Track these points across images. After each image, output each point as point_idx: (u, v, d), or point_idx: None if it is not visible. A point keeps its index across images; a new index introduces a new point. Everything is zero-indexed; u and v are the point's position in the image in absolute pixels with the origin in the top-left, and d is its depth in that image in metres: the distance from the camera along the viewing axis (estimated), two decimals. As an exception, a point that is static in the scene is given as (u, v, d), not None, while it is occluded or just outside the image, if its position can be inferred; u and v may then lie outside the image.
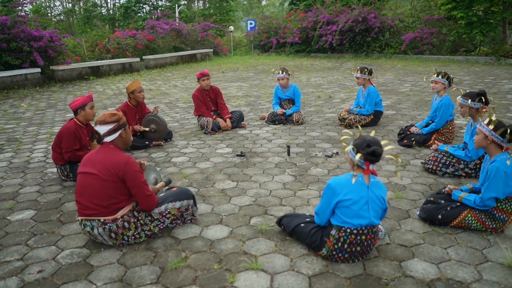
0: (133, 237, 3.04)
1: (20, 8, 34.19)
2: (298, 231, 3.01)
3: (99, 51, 16.36)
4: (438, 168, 4.36)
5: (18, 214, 3.70)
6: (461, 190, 3.39)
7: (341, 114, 6.50)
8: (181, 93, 10.57)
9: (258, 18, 24.02)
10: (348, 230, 2.70)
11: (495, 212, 3.12)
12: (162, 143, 5.76)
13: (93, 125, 4.14)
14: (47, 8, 38.79)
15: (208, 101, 6.57)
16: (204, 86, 6.42)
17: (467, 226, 3.18)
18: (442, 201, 3.37)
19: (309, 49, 20.61)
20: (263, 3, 54.07)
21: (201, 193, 4.05)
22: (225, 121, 6.51)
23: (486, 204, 3.09)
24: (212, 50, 20.86)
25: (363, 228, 2.70)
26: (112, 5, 38.17)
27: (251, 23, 23.40)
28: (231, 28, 23.17)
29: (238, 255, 2.91)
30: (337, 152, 5.15)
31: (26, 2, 16.43)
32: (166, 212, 3.17)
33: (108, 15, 36.14)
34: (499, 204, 3.10)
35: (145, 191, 2.96)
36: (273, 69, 7.42)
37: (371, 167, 2.70)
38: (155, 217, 3.12)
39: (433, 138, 5.29)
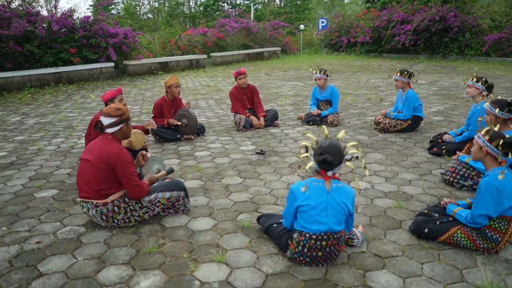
0: (122, 221, 3.30)
1: (112, 6, 36.68)
2: (270, 231, 3.07)
3: (171, 48, 17.31)
4: (456, 180, 4.09)
5: (43, 192, 4.17)
6: (457, 205, 3.19)
7: (377, 118, 6.29)
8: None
9: (330, 17, 23.66)
10: (307, 235, 2.69)
11: (487, 230, 2.89)
12: (192, 137, 6.05)
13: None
14: (136, 7, 41.68)
15: (244, 99, 6.72)
16: (241, 84, 6.58)
17: (456, 243, 2.98)
18: (436, 215, 3.19)
19: (380, 49, 19.91)
20: (346, 1, 52.93)
21: (206, 187, 4.23)
22: (259, 119, 6.63)
23: (476, 222, 2.88)
24: (280, 48, 21.02)
25: (322, 234, 2.67)
26: (193, 3, 39.89)
27: (322, 22, 23.16)
28: (302, 26, 23.10)
29: (210, 247, 3.03)
30: (357, 157, 5.02)
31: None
32: (156, 201, 3.39)
33: (190, 13, 37.88)
34: (491, 223, 2.88)
35: (133, 182, 3.20)
36: (311, 69, 7.37)
37: (330, 173, 2.67)
38: (145, 205, 3.35)
39: (466, 147, 4.93)
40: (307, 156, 2.74)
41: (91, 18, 13.72)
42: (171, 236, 3.22)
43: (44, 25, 12.45)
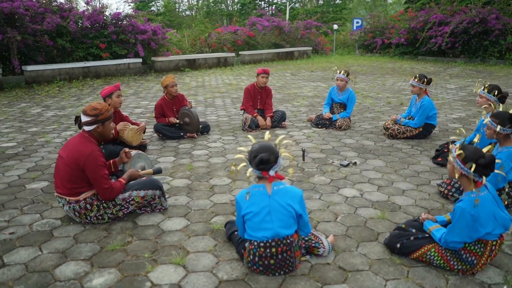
0: (95, 218, 3.33)
1: (152, 3, 37.51)
2: (232, 238, 3.00)
3: (200, 45, 17.47)
4: (451, 193, 3.85)
5: (34, 184, 4.28)
6: (435, 221, 2.99)
7: (386, 123, 6.05)
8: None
9: (365, 17, 23.12)
10: (256, 243, 2.60)
11: (462, 252, 2.69)
12: (195, 135, 6.04)
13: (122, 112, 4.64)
14: (176, 4, 42.42)
15: (258, 99, 6.63)
16: (260, 83, 6.47)
17: (429, 262, 2.79)
18: (413, 230, 3.00)
19: (415, 51, 19.24)
20: (389, 1, 51.54)
21: (191, 186, 4.20)
22: (266, 119, 6.54)
23: (450, 246, 2.69)
24: (311, 48, 20.75)
25: (270, 240, 2.57)
26: (231, 1, 40.10)
27: (357, 22, 22.68)
28: (335, 26, 22.71)
29: (174, 249, 3.00)
30: (355, 162, 4.84)
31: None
32: (130, 199, 3.39)
33: (227, 11, 38.15)
34: (467, 245, 2.67)
35: (103, 184, 3.20)
36: (335, 67, 7.19)
37: (272, 172, 2.56)
38: (118, 203, 3.36)
39: (473, 158, 4.63)
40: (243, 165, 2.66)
41: (122, 14, 14.04)
42: (139, 234, 3.21)
43: (80, 21, 12.84)
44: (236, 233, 2.92)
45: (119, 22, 13.86)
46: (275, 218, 2.56)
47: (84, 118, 3.28)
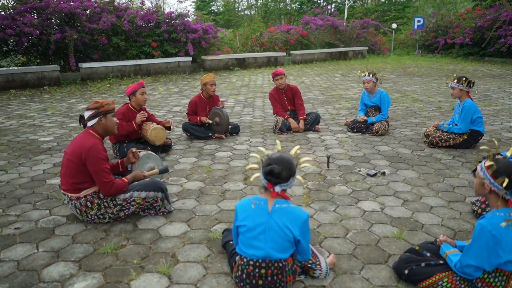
0: (95, 217, 3.30)
1: (212, 3, 38.38)
2: (226, 248, 2.82)
3: (251, 44, 17.43)
4: (485, 213, 3.39)
5: (54, 179, 4.38)
6: (454, 245, 2.61)
7: (427, 130, 5.55)
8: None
9: (426, 16, 21.86)
10: (245, 260, 2.39)
11: (479, 284, 2.32)
12: (223, 136, 5.93)
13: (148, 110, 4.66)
14: (235, 3, 42.88)
15: (284, 100, 6.41)
16: (279, 85, 6.28)
17: (440, 293, 2.43)
18: (428, 254, 2.65)
19: (482, 52, 17.85)
20: (459, -2, 48.53)
21: (203, 190, 4.07)
22: (298, 122, 6.28)
23: (465, 272, 2.32)
24: (367, 48, 19.97)
25: (260, 260, 2.34)
26: (289, 0, 39.78)
27: (419, 21, 21.46)
28: (394, 25, 21.66)
29: (164, 256, 2.88)
30: (384, 172, 4.46)
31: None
32: (131, 199, 3.33)
33: (285, 10, 37.90)
34: (486, 276, 2.30)
35: (103, 178, 3.16)
36: (360, 70, 6.78)
37: (278, 188, 2.33)
38: (119, 203, 3.30)
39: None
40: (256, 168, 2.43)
41: (175, 13, 14.33)
42: (136, 238, 3.13)
43: (134, 20, 13.26)
44: (231, 242, 2.74)
45: (172, 21, 14.16)
46: (269, 238, 2.34)
47: (86, 114, 3.28)
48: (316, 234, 3.18)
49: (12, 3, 12.49)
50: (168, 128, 5.26)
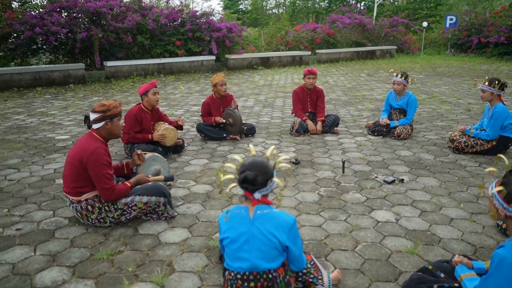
0: (96, 221, 3.22)
1: (240, 1, 38.42)
2: (222, 261, 2.66)
3: (276, 43, 17.23)
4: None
5: (64, 179, 4.34)
6: (471, 267, 2.36)
7: (452, 135, 5.24)
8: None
9: (459, 13, 21.06)
10: (233, 274, 2.23)
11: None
12: (238, 137, 5.79)
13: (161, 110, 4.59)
14: (263, 2, 42.70)
15: (307, 101, 6.19)
16: (308, 85, 6.05)
17: (452, 320, 2.20)
18: (442, 274, 2.42)
19: (519, 51, 17.05)
20: (495, -5, 46.73)
21: (210, 194, 3.94)
22: (316, 124, 6.07)
23: (482, 303, 2.08)
24: (395, 47, 19.41)
25: (247, 273, 2.18)
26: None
27: (451, 19, 20.74)
28: (425, 24, 20.98)
29: (161, 264, 2.76)
30: (402, 179, 4.21)
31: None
32: (132, 204, 3.23)
33: (313, 8, 37.42)
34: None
35: (104, 184, 3.07)
36: (392, 69, 6.48)
37: (257, 195, 2.16)
38: (120, 207, 3.21)
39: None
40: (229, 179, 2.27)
41: (199, 12, 14.31)
42: (134, 244, 3.03)
43: (159, 19, 13.31)
44: (225, 255, 2.59)
45: (196, 20, 14.14)
46: (253, 248, 2.17)
47: (92, 116, 3.19)
48: (323, 245, 2.99)
49: (44, 2, 12.80)
50: (180, 128, 5.17)
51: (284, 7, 42.01)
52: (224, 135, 5.79)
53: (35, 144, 5.66)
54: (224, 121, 5.72)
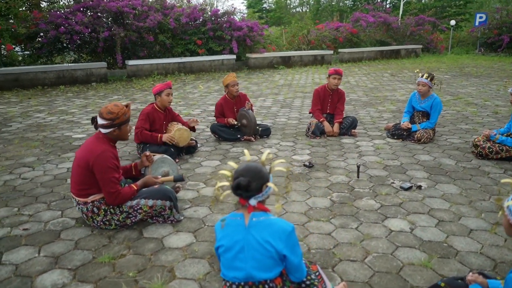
0: (102, 223, 3.18)
1: (264, 0, 38.33)
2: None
3: (298, 42, 17.05)
4: (534, 242, 2.91)
5: (76, 178, 4.35)
6: (486, 286, 2.20)
7: (476, 139, 4.99)
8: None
9: (490, 11, 20.34)
10: (228, 284, 2.13)
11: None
12: (252, 138, 5.70)
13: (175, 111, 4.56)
14: (286, 1, 42.48)
15: (328, 102, 6.03)
16: (331, 85, 5.89)
17: None
18: (455, 291, 2.26)
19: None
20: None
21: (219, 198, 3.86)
22: (333, 125, 5.92)
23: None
24: (421, 46, 18.91)
25: (242, 283, 2.07)
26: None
27: (481, 17, 20.07)
28: (452, 22, 20.36)
29: (162, 270, 2.70)
30: (420, 186, 4.02)
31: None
32: (138, 207, 3.18)
33: (337, 7, 36.97)
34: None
35: (109, 188, 3.02)
36: (417, 70, 6.24)
37: (253, 201, 2.04)
38: (125, 210, 3.17)
39: None
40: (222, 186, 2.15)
41: (220, 11, 14.29)
42: (137, 248, 2.98)
43: (180, 18, 13.33)
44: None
45: (218, 19, 14.12)
46: (248, 257, 2.07)
47: (100, 121, 3.14)
48: (331, 255, 2.86)
49: (70, 2, 13.03)
50: (193, 129, 5.11)
51: (308, 6, 41.67)
52: (238, 136, 5.71)
53: (52, 142, 5.72)
54: (235, 122, 5.64)
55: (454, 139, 5.69)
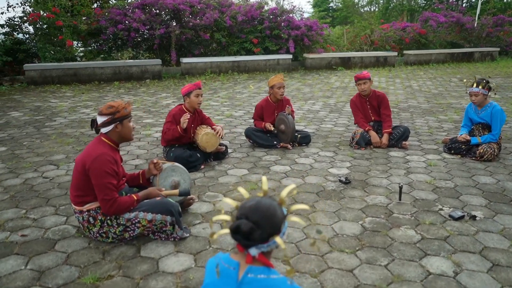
0: (98, 235, 2.93)
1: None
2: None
3: (360, 43, 16.19)
4: None
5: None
6: None
7: (553, 161, 4.15)
8: (396, 97, 9.26)
9: None
10: None
11: None
12: (289, 146, 5.24)
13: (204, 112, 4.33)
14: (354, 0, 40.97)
15: (367, 109, 5.45)
16: (361, 91, 5.36)
17: None
18: None
19: None
20: None
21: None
22: (382, 136, 5.30)
23: None
24: (498, 49, 17.18)
25: None
26: (414, -5, 36.65)
27: None
28: (539, 22, 18.27)
29: (145, 300, 2.36)
30: (474, 216, 3.34)
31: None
32: (136, 220, 2.88)
33: (408, 6, 34.97)
34: None
35: (104, 195, 2.75)
36: (465, 80, 5.44)
37: (254, 251, 1.56)
38: (122, 222, 2.88)
39: None
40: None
41: (278, 9, 13.88)
42: (129, 269, 2.67)
43: (236, 16, 13.12)
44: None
45: (276, 17, 13.74)
46: None
47: (100, 119, 2.90)
48: (346, 301, 2.36)
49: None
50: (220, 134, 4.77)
51: (377, 5, 39.92)
52: (275, 142, 5.28)
53: (86, 140, 5.67)
54: (273, 128, 5.22)
55: (527, 159, 4.84)
